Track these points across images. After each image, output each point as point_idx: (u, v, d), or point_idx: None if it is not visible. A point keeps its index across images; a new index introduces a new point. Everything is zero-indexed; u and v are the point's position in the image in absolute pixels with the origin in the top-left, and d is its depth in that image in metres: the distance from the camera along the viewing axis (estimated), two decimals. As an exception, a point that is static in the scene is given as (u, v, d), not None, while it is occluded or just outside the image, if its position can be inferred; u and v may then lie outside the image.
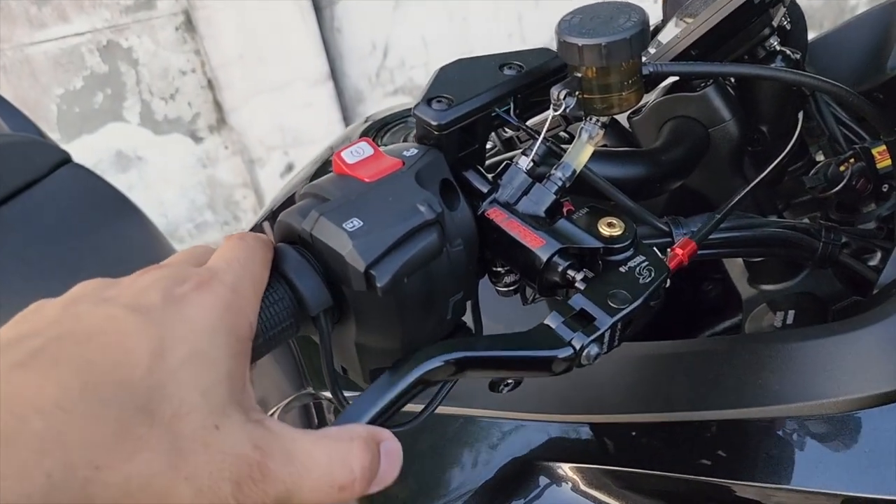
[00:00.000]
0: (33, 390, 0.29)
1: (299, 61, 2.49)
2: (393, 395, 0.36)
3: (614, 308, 0.40)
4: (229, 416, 0.32)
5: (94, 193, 1.30)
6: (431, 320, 0.43)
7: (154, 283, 0.35)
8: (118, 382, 0.30)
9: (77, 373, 0.30)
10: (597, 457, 0.51)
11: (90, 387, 0.29)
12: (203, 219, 2.81)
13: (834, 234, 0.54)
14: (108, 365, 0.30)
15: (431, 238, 0.40)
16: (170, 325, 0.33)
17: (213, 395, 0.32)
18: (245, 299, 0.36)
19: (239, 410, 0.33)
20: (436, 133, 0.44)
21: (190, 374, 0.32)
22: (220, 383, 0.32)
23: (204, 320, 0.33)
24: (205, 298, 0.34)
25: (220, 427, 0.31)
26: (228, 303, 0.35)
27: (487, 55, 0.47)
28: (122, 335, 0.31)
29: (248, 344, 0.36)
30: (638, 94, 0.45)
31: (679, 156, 0.57)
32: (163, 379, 0.31)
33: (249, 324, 0.36)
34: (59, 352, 0.30)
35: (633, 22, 0.42)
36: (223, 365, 0.33)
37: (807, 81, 0.50)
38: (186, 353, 0.32)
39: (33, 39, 2.45)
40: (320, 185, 0.43)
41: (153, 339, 0.32)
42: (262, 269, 0.39)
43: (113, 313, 0.32)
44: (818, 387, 0.44)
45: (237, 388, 0.33)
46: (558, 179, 0.45)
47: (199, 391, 0.32)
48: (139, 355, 0.31)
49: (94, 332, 0.31)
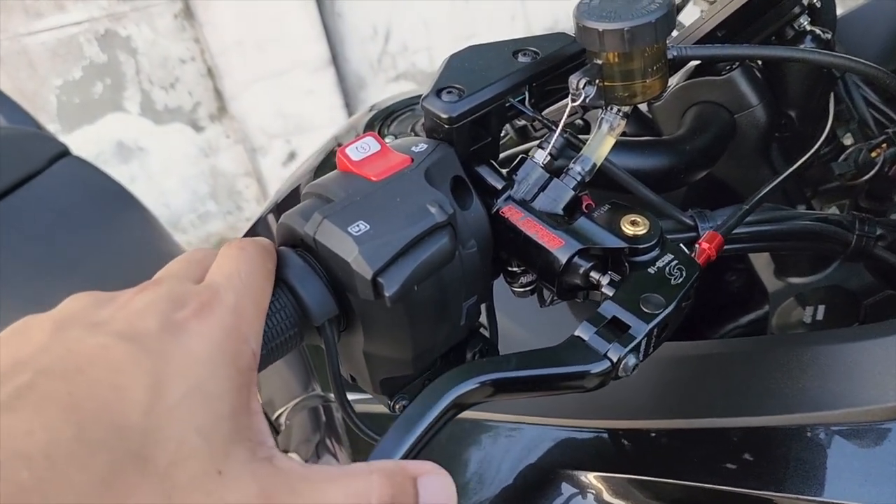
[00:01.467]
0: (21, 436, 0.26)
1: (300, 47, 2.46)
2: (427, 422, 0.33)
3: (648, 314, 0.37)
4: (233, 458, 0.29)
5: (93, 186, 1.28)
6: (444, 327, 0.41)
7: (150, 305, 0.31)
8: (110, 425, 0.27)
9: (66, 415, 0.27)
10: (621, 465, 0.48)
11: (79, 430, 0.27)
12: (206, 209, 2.79)
13: (868, 225, 0.51)
14: (99, 405, 0.27)
15: (443, 242, 0.37)
16: (167, 358, 0.30)
17: (215, 436, 0.29)
18: (247, 323, 0.33)
19: (244, 449, 0.29)
20: (446, 126, 0.41)
21: (189, 414, 0.29)
22: (223, 421, 0.29)
23: (204, 351, 0.30)
24: (204, 326, 0.31)
25: (222, 472, 0.28)
26: (230, 329, 0.32)
27: (500, 41, 0.44)
28: (115, 370, 0.29)
29: (251, 374, 0.32)
30: (662, 81, 0.42)
31: (704, 144, 0.54)
32: (159, 421, 0.28)
33: (252, 351, 0.33)
34: (47, 390, 0.27)
35: (658, 4, 0.39)
36: (226, 400, 0.30)
37: (841, 63, 0.47)
38: (185, 389, 0.29)
39: (30, 29, 2.42)
40: (324, 184, 0.40)
41: (149, 374, 0.29)
42: (265, 282, 0.36)
43: (105, 342, 0.29)
44: (851, 394, 0.41)
45: (242, 425, 0.30)
46: (577, 174, 0.42)
47: (199, 432, 0.28)
48: (134, 394, 0.28)
49: (84, 365, 0.28)
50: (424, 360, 0.41)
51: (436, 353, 0.42)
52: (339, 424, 0.68)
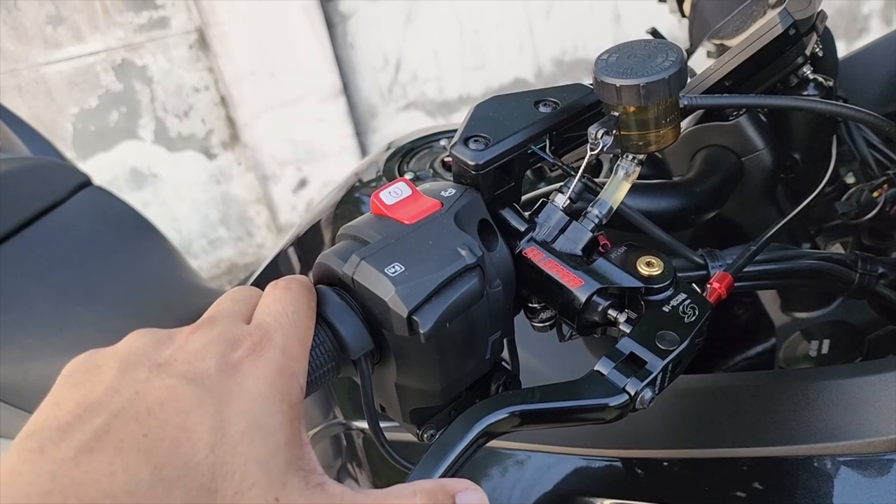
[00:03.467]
0: (103, 476, 0.29)
1: (312, 77, 2.50)
2: (460, 448, 0.36)
3: (664, 350, 0.39)
4: (289, 486, 0.32)
5: (114, 215, 1.31)
6: (471, 361, 0.43)
7: (207, 346, 0.35)
8: (182, 464, 0.30)
9: (143, 456, 0.30)
10: (635, 492, 0.50)
11: (155, 470, 0.29)
12: (217, 235, 2.82)
13: (871, 264, 0.53)
14: (170, 444, 0.30)
15: (473, 282, 0.39)
16: (227, 399, 0.33)
17: (272, 467, 0.32)
18: (296, 361, 0.36)
19: (298, 477, 0.32)
20: (473, 173, 0.43)
21: (249, 448, 0.32)
22: (279, 453, 0.32)
23: (259, 390, 0.33)
24: (258, 366, 0.34)
25: (280, 499, 0.31)
26: (281, 368, 0.35)
27: (522, 92, 0.47)
28: (182, 411, 0.32)
29: (300, 408, 0.35)
30: (675, 131, 0.45)
31: (713, 186, 0.57)
32: (224, 456, 0.31)
33: (300, 386, 0.36)
34: (123, 432, 0.30)
35: (672, 61, 0.42)
36: (280, 434, 0.33)
37: (842, 112, 0.49)
38: (245, 426, 0.32)
39: (49, 59, 2.47)
40: (359, 226, 0.42)
41: (212, 415, 0.32)
42: (309, 321, 0.39)
43: (171, 384, 0.32)
44: (855, 426, 0.44)
45: (295, 455, 0.33)
46: (595, 217, 0.45)
47: (258, 464, 0.31)
48: (200, 433, 0.31)
49: (153, 407, 0.31)
50: (452, 392, 0.44)
51: (463, 385, 0.44)
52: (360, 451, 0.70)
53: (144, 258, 1.28)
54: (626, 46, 0.44)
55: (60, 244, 1.23)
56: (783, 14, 0.51)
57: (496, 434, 0.38)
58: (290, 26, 2.42)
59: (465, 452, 0.36)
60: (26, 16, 2.41)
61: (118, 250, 1.26)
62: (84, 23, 2.44)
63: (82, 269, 1.22)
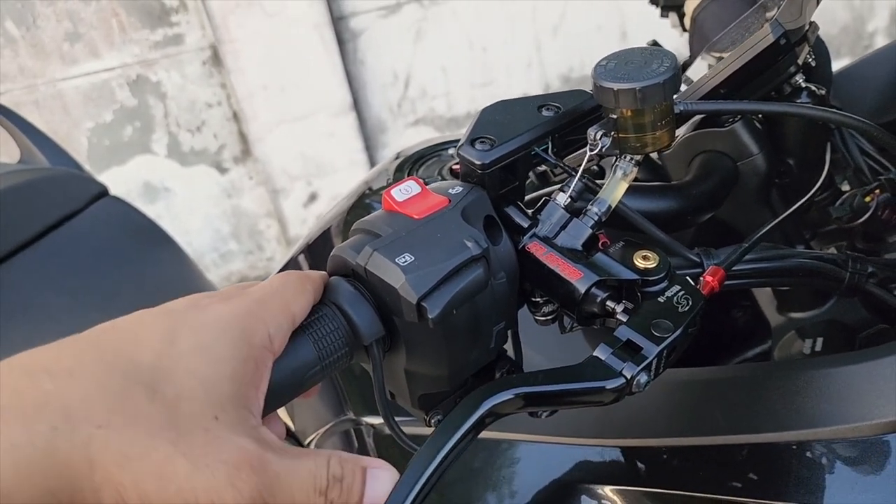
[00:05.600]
0: (50, 359, 0.32)
1: (323, 93, 2.54)
2: (467, 426, 0.38)
3: (659, 337, 0.42)
4: (228, 413, 0.34)
5: (130, 225, 1.34)
6: (477, 348, 0.46)
7: (189, 297, 0.38)
8: (127, 358, 0.33)
9: (90, 347, 0.33)
10: (635, 479, 0.53)
11: (100, 359, 0.33)
12: (227, 248, 2.86)
13: (860, 264, 0.56)
14: (121, 346, 0.34)
15: (478, 272, 0.42)
16: (184, 323, 0.36)
17: (213, 390, 0.34)
18: (269, 312, 0.39)
19: (240, 409, 0.35)
20: (479, 172, 0.46)
21: (194, 364, 0.34)
22: (223, 380, 0.35)
23: (216, 322, 0.36)
24: (225, 305, 0.38)
25: (218, 418, 0.34)
26: (248, 310, 0.38)
27: (526, 97, 0.50)
28: (141, 326, 0.35)
29: (263, 352, 0.37)
30: (670, 133, 0.47)
31: (709, 189, 0.59)
32: (169, 364, 0.34)
33: (268, 333, 0.38)
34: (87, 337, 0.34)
35: (666, 67, 0.44)
36: (228, 364, 0.35)
37: (831, 117, 0.52)
38: (193, 345, 0.35)
39: (66, 75, 2.52)
40: (372, 221, 0.45)
41: (165, 330, 0.35)
42: (297, 295, 0.41)
43: (142, 316, 0.36)
44: (848, 411, 0.46)
45: (242, 392, 0.35)
46: (595, 214, 0.47)
47: (200, 381, 0.34)
48: (151, 341, 0.34)
49: (119, 326, 0.35)
50: (458, 378, 0.46)
51: (468, 372, 0.47)
52: (371, 446, 0.72)
53: (160, 267, 1.31)
54: (624, 53, 0.47)
55: (78, 252, 1.27)
56: (774, 24, 0.53)
57: (501, 415, 0.40)
58: (302, 43, 2.47)
59: (471, 431, 0.39)
60: (45, 33, 2.47)
61: (134, 259, 1.30)
62: (101, 40, 2.50)
63: (99, 276, 1.25)
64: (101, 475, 0.31)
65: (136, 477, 0.31)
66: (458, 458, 0.37)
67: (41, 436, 0.30)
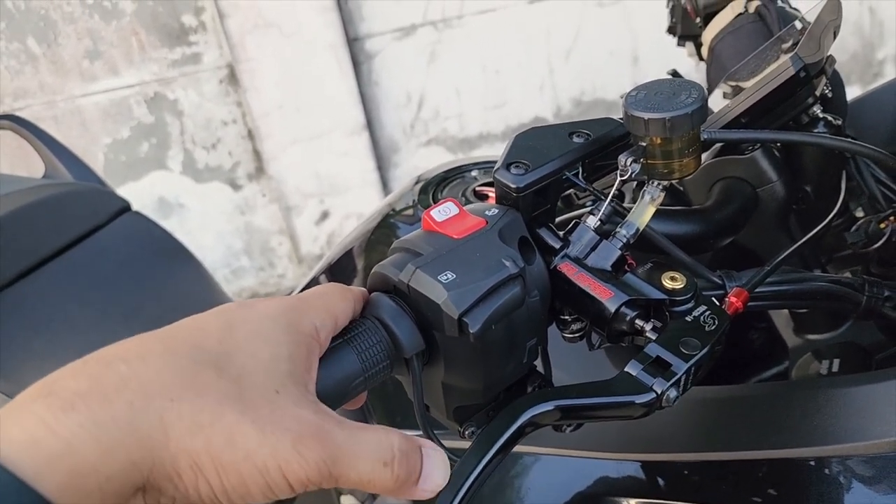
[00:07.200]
0: (122, 350, 0.35)
1: (337, 112, 2.58)
2: (508, 434, 0.40)
3: (687, 354, 0.44)
4: (288, 388, 0.37)
5: (152, 240, 1.37)
6: (511, 363, 0.48)
7: (234, 302, 0.42)
8: (192, 345, 0.36)
9: (158, 339, 0.36)
10: (657, 493, 0.54)
11: (168, 347, 0.35)
12: (239, 264, 2.88)
13: (877, 287, 0.58)
14: (184, 335, 0.37)
15: (516, 290, 0.44)
16: (239, 315, 0.39)
17: (273, 369, 0.37)
18: (313, 308, 0.42)
19: (299, 386, 0.37)
20: (514, 195, 0.48)
21: (253, 347, 0.37)
22: (280, 360, 0.38)
23: (267, 313, 0.40)
24: (272, 301, 0.41)
25: (279, 392, 0.36)
26: (294, 305, 0.41)
27: (557, 124, 0.52)
28: (199, 321, 0.38)
29: (310, 340, 0.40)
30: (696, 161, 0.50)
31: (730, 214, 0.61)
32: (230, 349, 0.37)
33: (313, 325, 0.41)
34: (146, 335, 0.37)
35: (694, 98, 0.47)
36: (284, 346, 0.38)
37: (848, 147, 0.54)
38: (250, 331, 0.38)
39: (85, 91, 2.56)
40: (412, 240, 0.47)
41: (224, 321, 0.38)
42: (338, 301, 0.44)
43: (197, 315, 0.39)
44: (866, 429, 0.48)
45: (298, 370, 0.38)
46: (623, 237, 0.50)
47: (261, 362, 0.37)
48: (211, 330, 0.37)
49: (180, 324, 0.38)
50: (493, 391, 0.48)
51: (502, 385, 0.49)
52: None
53: (180, 280, 1.34)
54: (653, 84, 0.49)
55: (101, 266, 1.29)
56: (795, 58, 0.56)
57: (539, 425, 0.42)
58: (318, 64, 2.50)
59: (511, 440, 0.41)
60: (65, 50, 2.51)
61: (156, 273, 1.32)
62: (120, 58, 2.54)
63: (121, 289, 1.28)
64: (175, 444, 0.33)
65: (207, 443, 0.33)
66: (498, 465, 0.39)
67: (121, 413, 0.32)
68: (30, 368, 1.13)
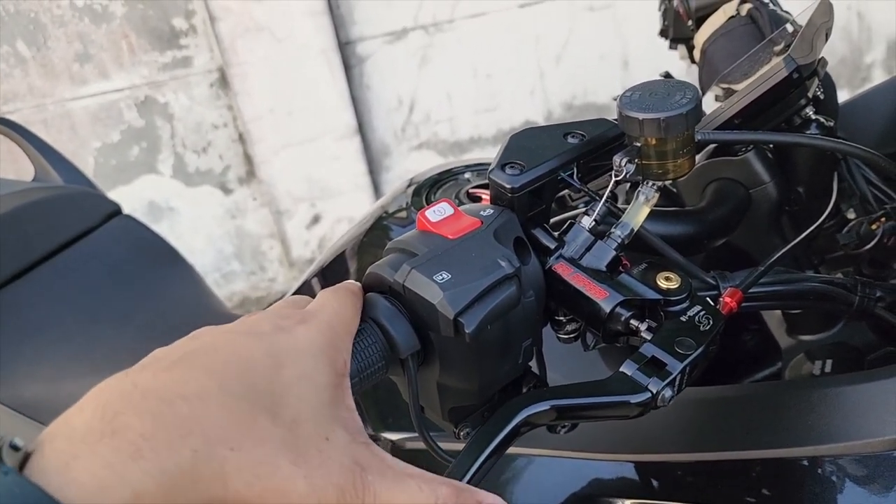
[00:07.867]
0: (177, 384, 0.34)
1: (328, 116, 2.58)
2: (504, 434, 0.40)
3: (682, 354, 0.44)
4: (336, 433, 0.37)
5: (143, 243, 1.36)
6: (506, 363, 0.48)
7: (262, 317, 0.40)
8: (246, 384, 0.36)
9: (210, 374, 0.35)
10: (651, 493, 0.54)
11: (224, 386, 0.35)
12: (230, 268, 2.87)
13: (869, 288, 0.58)
14: (234, 371, 0.36)
15: (511, 290, 0.44)
16: (281, 348, 0.38)
17: (320, 413, 0.37)
18: (340, 338, 0.41)
19: (344, 430, 0.37)
20: (509, 195, 0.48)
21: (302, 391, 0.37)
22: (326, 405, 0.38)
23: (308, 350, 0.39)
24: (307, 332, 0.40)
25: (329, 439, 0.36)
26: (327, 339, 0.40)
27: (552, 125, 0.53)
28: (242, 351, 0.37)
29: (344, 379, 0.40)
30: (691, 162, 0.50)
31: (723, 215, 0.62)
32: (281, 390, 0.36)
33: (344, 360, 0.41)
34: (194, 360, 0.36)
35: (688, 98, 0.47)
36: (326, 391, 0.38)
37: (840, 148, 0.55)
38: (297, 374, 0.37)
39: (75, 95, 2.55)
40: (407, 240, 0.47)
41: (268, 356, 0.37)
42: (353, 314, 0.44)
43: (231, 337, 0.38)
44: (859, 428, 0.48)
45: (341, 413, 0.38)
46: (618, 237, 0.50)
47: (310, 406, 0.37)
48: (259, 368, 0.37)
49: (219, 348, 0.37)
50: (488, 392, 0.48)
51: (497, 386, 0.49)
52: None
53: (171, 284, 1.33)
54: (647, 85, 0.49)
55: (92, 269, 1.28)
56: (788, 60, 0.56)
57: (535, 425, 0.42)
58: (309, 67, 2.50)
59: (507, 440, 0.41)
60: (55, 53, 2.50)
61: (146, 276, 1.31)
62: (110, 61, 2.53)
63: (112, 293, 1.27)
64: (233, 495, 0.33)
65: (262, 494, 0.34)
66: (494, 464, 0.39)
67: (185, 461, 0.32)
68: (20, 372, 1.12)
